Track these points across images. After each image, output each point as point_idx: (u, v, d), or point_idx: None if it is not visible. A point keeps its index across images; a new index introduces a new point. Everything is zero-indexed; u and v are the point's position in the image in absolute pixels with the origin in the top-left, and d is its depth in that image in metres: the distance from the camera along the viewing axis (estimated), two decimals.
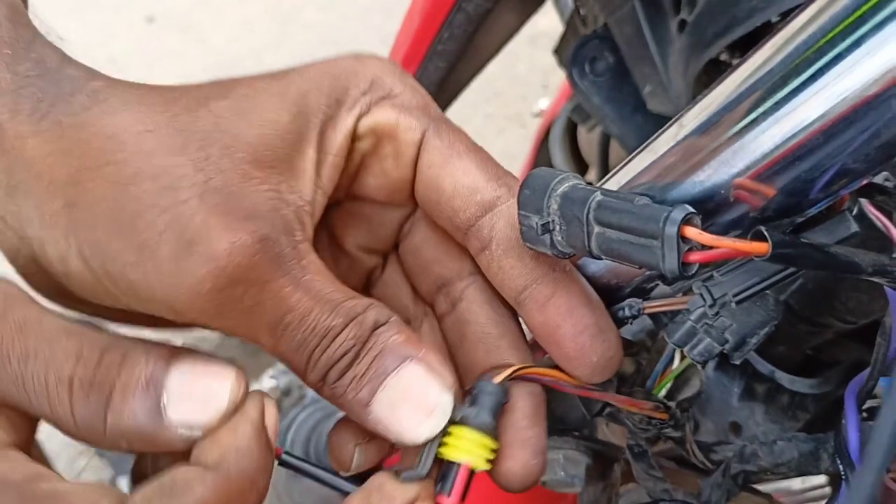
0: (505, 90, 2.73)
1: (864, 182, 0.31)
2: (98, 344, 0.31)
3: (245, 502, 0.31)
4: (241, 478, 0.31)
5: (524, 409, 0.37)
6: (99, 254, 0.31)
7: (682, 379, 0.48)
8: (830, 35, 0.27)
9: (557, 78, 2.12)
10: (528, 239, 0.33)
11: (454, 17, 0.76)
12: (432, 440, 0.34)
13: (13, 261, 0.35)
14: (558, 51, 0.86)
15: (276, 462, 0.35)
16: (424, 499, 0.34)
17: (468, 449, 0.34)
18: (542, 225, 0.32)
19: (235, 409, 0.32)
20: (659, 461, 0.48)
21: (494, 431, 0.35)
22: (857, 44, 0.26)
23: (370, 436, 0.37)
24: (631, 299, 0.38)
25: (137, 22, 2.93)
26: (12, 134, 0.31)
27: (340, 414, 0.36)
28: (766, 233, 0.28)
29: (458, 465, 0.34)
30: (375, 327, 0.33)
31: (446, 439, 0.34)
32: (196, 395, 0.31)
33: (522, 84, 2.76)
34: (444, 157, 0.36)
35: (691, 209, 0.29)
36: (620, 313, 0.38)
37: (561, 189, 0.32)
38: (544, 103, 2.60)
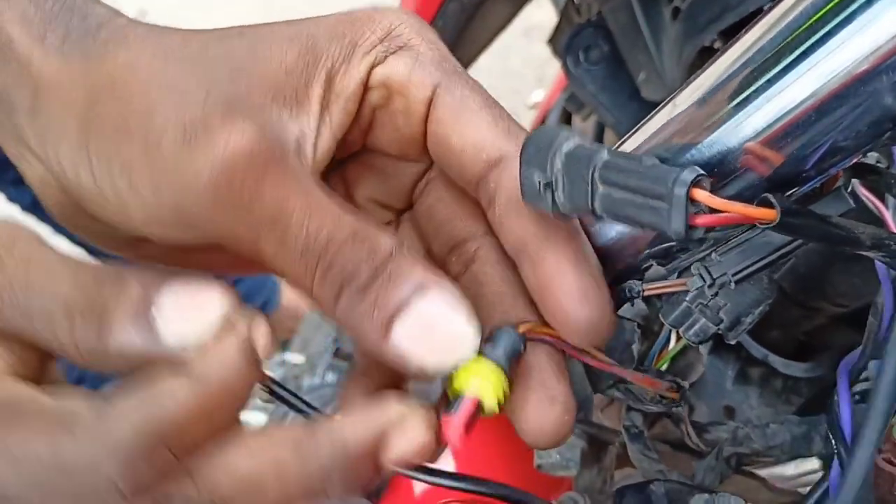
0: (499, 84, 2.73)
1: (855, 160, 0.31)
2: (95, 272, 0.33)
3: (223, 413, 0.32)
4: (222, 389, 0.31)
5: (550, 368, 0.35)
6: (106, 164, 0.33)
7: (685, 364, 0.48)
8: (822, 12, 0.27)
9: (552, 70, 2.12)
10: (528, 196, 0.32)
11: (447, 6, 0.76)
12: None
13: (39, 191, 0.36)
14: (553, 40, 0.86)
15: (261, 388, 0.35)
16: (422, 421, 0.32)
17: (480, 378, 0.33)
18: (545, 184, 0.31)
19: (227, 326, 0.32)
20: (654, 444, 0.49)
21: (507, 373, 0.33)
22: (846, 21, 0.27)
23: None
24: (631, 281, 0.38)
25: (131, 15, 2.92)
26: (38, 64, 0.34)
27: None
28: (773, 199, 0.28)
29: (467, 398, 0.33)
30: (391, 254, 0.32)
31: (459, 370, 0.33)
32: (188, 312, 0.32)
33: (517, 77, 2.76)
34: (453, 114, 0.36)
35: (702, 171, 0.28)
36: (622, 294, 0.38)
37: (566, 147, 0.31)
38: (539, 95, 2.60)
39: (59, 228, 0.39)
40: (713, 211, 0.28)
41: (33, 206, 1.77)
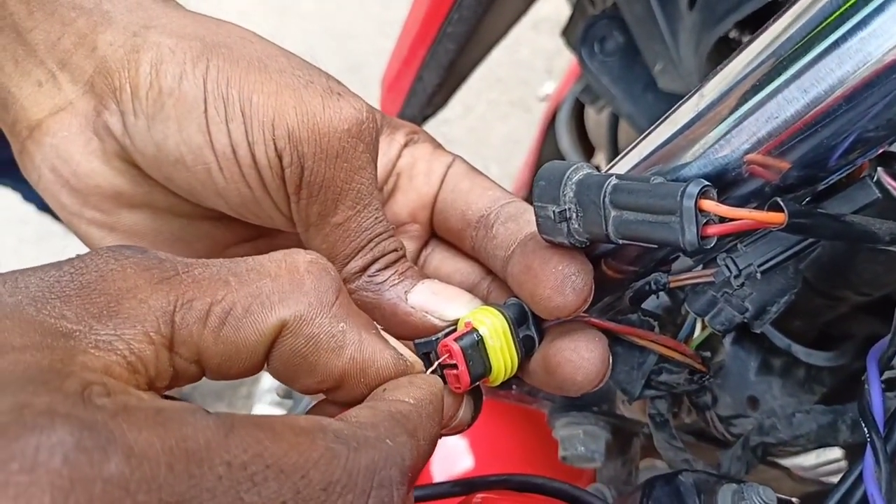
0: (508, 76, 2.73)
1: (882, 150, 0.31)
2: None
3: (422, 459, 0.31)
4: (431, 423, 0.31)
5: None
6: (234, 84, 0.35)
7: (709, 347, 0.49)
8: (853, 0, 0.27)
9: (561, 62, 2.12)
10: (544, 230, 0.33)
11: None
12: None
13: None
14: (566, 32, 0.86)
15: None
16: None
17: (476, 314, 0.36)
18: (559, 213, 0.32)
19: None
20: (680, 434, 0.49)
21: (507, 316, 0.36)
22: (879, 9, 0.27)
23: None
24: (657, 273, 0.38)
25: None
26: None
27: None
28: (782, 203, 0.29)
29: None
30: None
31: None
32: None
33: (525, 69, 2.76)
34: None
35: (707, 182, 0.29)
36: (647, 287, 0.38)
37: (576, 177, 0.32)
38: (550, 87, 2.59)
39: None
40: (723, 220, 0.29)
41: (48, 206, 1.78)
